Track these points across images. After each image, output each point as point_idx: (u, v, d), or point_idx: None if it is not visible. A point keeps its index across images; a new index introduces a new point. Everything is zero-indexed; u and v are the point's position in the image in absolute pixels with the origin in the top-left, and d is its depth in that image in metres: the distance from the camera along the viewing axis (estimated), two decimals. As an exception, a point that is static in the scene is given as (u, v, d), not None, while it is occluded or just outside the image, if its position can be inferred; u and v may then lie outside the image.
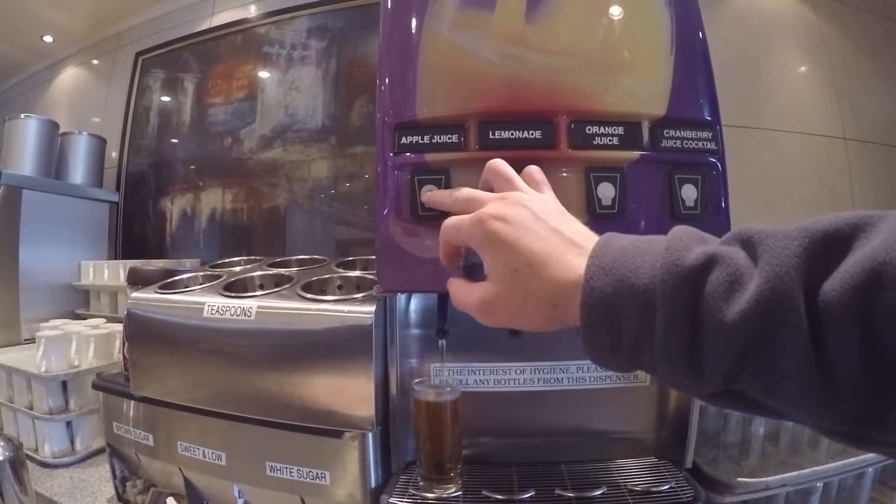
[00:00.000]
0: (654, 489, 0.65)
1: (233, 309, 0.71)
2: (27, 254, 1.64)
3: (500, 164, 0.47)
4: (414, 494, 0.66)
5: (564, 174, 0.56)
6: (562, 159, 0.56)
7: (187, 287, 0.83)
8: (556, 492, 0.65)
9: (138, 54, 2.20)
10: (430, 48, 0.60)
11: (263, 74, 1.82)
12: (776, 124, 1.62)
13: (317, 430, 0.68)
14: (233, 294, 0.75)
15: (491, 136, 0.56)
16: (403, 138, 0.58)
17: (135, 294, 0.82)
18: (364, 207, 1.57)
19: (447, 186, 0.56)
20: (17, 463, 0.78)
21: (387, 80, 0.61)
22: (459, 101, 0.58)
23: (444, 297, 0.67)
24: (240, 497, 0.78)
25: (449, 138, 0.57)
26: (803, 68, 1.72)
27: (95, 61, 2.50)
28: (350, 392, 0.66)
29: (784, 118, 1.64)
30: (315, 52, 1.69)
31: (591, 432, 0.75)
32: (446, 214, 0.48)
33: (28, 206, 1.65)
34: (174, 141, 2.04)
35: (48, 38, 2.58)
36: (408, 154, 0.58)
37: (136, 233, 2.08)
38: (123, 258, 1.89)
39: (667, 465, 0.72)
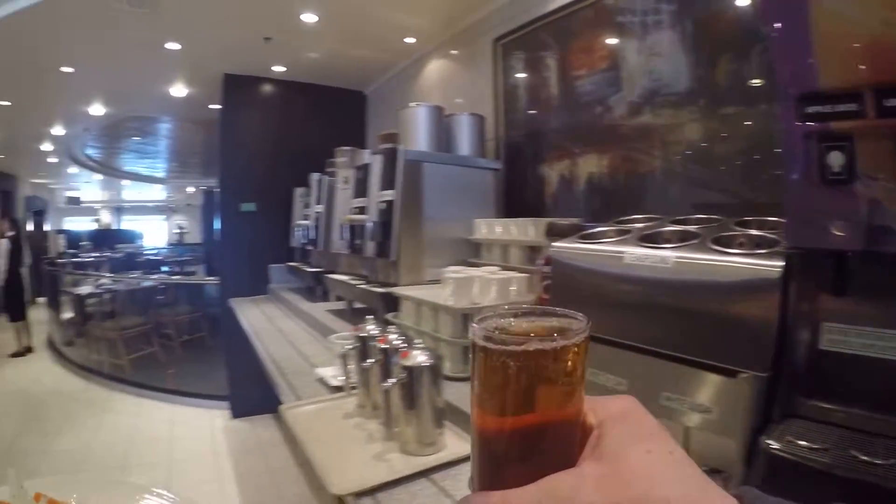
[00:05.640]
0: None
1: (651, 258, 0.83)
2: (429, 213, 2.15)
3: None
4: (790, 441, 0.69)
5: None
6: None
7: (602, 239, 0.99)
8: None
9: (495, 40, 2.51)
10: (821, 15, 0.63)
11: (622, 43, 1.85)
12: None
13: (714, 367, 0.78)
14: (649, 245, 0.88)
15: (885, 104, 0.59)
16: (807, 108, 0.65)
17: (557, 243, 1.02)
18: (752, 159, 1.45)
19: (851, 153, 0.62)
20: (436, 371, 1.02)
21: (781, 47, 0.68)
22: (857, 70, 0.61)
23: (842, 256, 0.68)
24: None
25: (848, 107, 0.62)
26: None
27: (454, 52, 2.96)
28: (751, 335, 0.74)
29: None
30: (667, 15, 1.66)
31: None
32: (851, 180, 0.60)
33: (427, 176, 2.14)
34: (546, 113, 2.25)
35: (410, 40, 3.18)
36: (812, 123, 0.65)
37: (516, 196, 2.41)
38: (506, 217, 2.19)
39: None
